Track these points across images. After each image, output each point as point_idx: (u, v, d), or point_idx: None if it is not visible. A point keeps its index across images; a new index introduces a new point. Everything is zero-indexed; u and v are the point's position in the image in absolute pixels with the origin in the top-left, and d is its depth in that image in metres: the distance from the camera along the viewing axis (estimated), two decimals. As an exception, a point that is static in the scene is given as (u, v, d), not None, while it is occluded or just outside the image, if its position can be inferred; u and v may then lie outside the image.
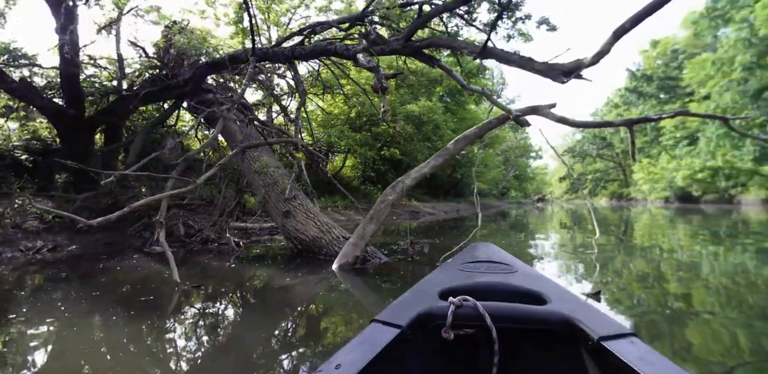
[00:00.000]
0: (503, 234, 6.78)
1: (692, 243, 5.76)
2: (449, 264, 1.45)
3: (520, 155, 40.28)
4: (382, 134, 17.28)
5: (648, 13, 2.33)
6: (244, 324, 2.09)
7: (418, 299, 1.07)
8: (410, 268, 3.37)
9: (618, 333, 0.84)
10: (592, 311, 0.96)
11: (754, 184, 26.35)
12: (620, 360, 0.76)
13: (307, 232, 4.07)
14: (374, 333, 0.91)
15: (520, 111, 3.78)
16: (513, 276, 1.23)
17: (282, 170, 4.87)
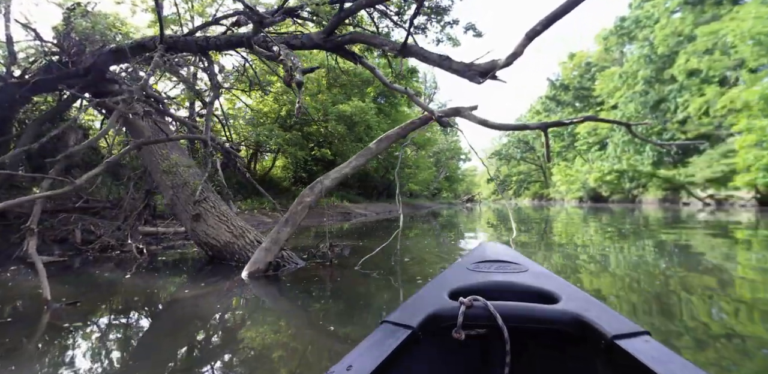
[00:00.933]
0: (434, 235, 6.84)
1: (602, 238, 6.26)
2: (459, 263, 1.40)
3: (451, 157, 41.68)
4: (314, 134, 16.91)
5: (558, 16, 2.39)
6: (117, 350, 1.79)
7: (429, 299, 1.05)
8: (328, 273, 3.20)
9: (631, 331, 0.83)
10: (604, 310, 0.94)
11: (653, 186, 29.50)
12: (634, 358, 0.74)
13: (218, 237, 3.75)
14: (385, 334, 0.89)
15: (443, 112, 3.76)
16: (523, 275, 1.21)
17: (194, 169, 4.47)
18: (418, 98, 3.73)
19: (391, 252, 4.00)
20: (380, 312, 2.21)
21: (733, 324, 2.03)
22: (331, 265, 3.45)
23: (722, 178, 22.92)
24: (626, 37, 37.28)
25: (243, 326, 2.07)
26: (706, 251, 4.75)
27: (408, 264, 3.56)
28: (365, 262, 3.42)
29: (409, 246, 4.92)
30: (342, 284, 2.89)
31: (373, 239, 5.64)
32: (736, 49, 20.43)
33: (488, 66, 2.79)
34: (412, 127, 3.89)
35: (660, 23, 30.27)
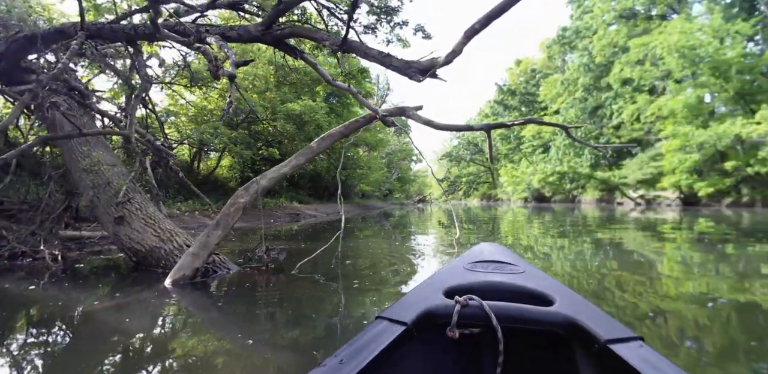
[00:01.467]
0: (384, 236, 6.77)
1: (545, 236, 6.53)
2: (456, 262, 1.39)
3: (403, 158, 42.06)
4: (262, 133, 16.39)
5: (496, 15, 2.39)
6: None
7: (424, 297, 1.05)
8: (263, 279, 3.01)
9: (624, 336, 0.83)
10: (598, 314, 0.95)
11: (590, 187, 31.34)
12: (626, 363, 0.74)
13: (144, 241, 3.44)
14: (379, 329, 0.89)
15: (387, 111, 3.68)
16: (520, 276, 1.21)
17: (119, 168, 4.10)
18: (365, 97, 3.62)
19: (334, 254, 3.87)
20: (314, 319, 2.08)
21: (662, 309, 2.09)
22: (267, 270, 3.25)
23: (651, 179, 24.74)
24: (568, 46, 39.41)
25: (160, 341, 1.86)
26: (637, 247, 5.05)
27: (349, 267, 3.44)
28: (304, 266, 3.27)
29: (356, 247, 4.80)
30: (275, 290, 2.72)
31: (318, 241, 5.47)
32: (663, 60, 22.12)
33: (428, 64, 2.75)
34: (355, 125, 3.78)
35: (598, 34, 32.22)
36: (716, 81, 19.88)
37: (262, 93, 15.24)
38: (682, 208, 19.83)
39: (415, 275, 3.13)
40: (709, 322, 2.05)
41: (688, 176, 20.85)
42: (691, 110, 21.37)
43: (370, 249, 4.61)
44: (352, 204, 23.24)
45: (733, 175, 19.21)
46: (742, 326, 2.01)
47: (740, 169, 18.66)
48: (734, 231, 7.20)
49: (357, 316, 2.11)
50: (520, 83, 51.31)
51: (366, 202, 26.52)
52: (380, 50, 3.01)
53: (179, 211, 9.26)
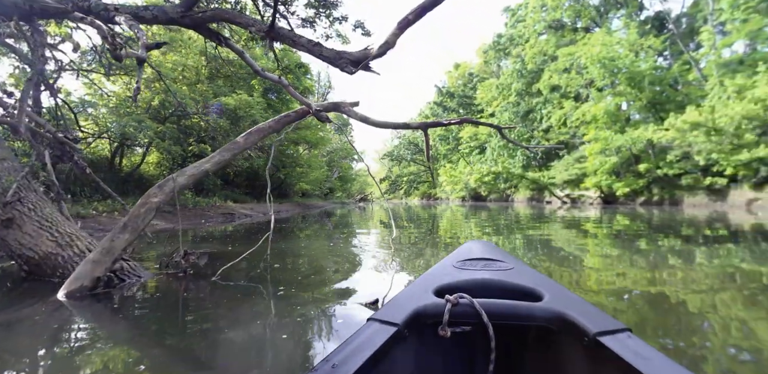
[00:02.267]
0: (325, 235, 6.54)
1: (480, 234, 6.70)
2: (445, 261, 1.38)
3: (344, 157, 41.80)
4: (193, 127, 15.42)
5: (430, 6, 2.33)
6: None
7: (414, 297, 1.05)
8: (179, 286, 2.71)
9: (613, 328, 0.84)
10: (587, 307, 0.96)
11: (522, 186, 33.07)
12: (616, 355, 0.76)
13: (37, 247, 2.99)
14: (370, 331, 0.89)
15: (321, 106, 3.51)
16: (509, 273, 1.21)
17: (8, 163, 3.55)
18: (303, 94, 3.41)
19: (262, 257, 3.62)
20: (229, 332, 1.87)
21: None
22: (186, 276, 2.95)
23: (576, 179, 26.56)
24: (502, 53, 41.26)
25: (43, 364, 1.56)
26: (563, 243, 5.34)
27: (279, 272, 3.21)
28: (228, 271, 3.00)
29: (291, 249, 4.56)
30: (191, 299, 2.45)
31: (249, 243, 5.12)
32: (587, 70, 23.80)
33: (360, 55, 2.62)
34: (287, 120, 3.57)
35: (530, 43, 34.04)
36: (632, 90, 21.74)
37: (193, 85, 14.32)
38: (602, 206, 21.35)
39: (347, 280, 2.95)
40: (627, 308, 2.13)
41: (608, 177, 22.61)
42: (611, 116, 23.20)
43: (306, 251, 4.39)
44: (292, 204, 22.64)
45: (646, 177, 21.09)
46: (657, 310, 2.11)
47: (651, 171, 20.52)
48: (646, 227, 7.83)
49: (277, 328, 1.92)
50: (459, 86, 52.99)
51: (306, 201, 25.96)
52: (310, 39, 2.83)
53: (96, 212, 8.39)
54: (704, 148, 15.76)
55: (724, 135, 14.82)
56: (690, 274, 3.16)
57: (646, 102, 21.69)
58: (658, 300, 2.38)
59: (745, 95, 13.67)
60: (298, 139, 23.08)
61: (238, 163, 16.95)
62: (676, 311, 2.19)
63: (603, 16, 30.90)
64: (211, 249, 4.05)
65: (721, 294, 2.52)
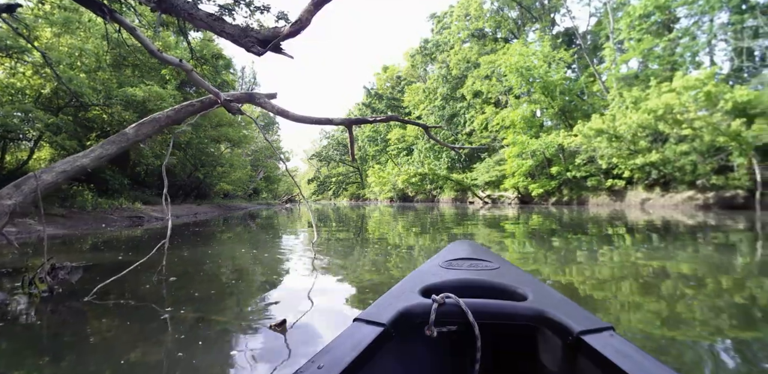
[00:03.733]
0: (248, 238, 5.99)
1: (407, 233, 6.79)
2: (431, 261, 1.39)
3: (270, 156, 40.26)
4: (94, 120, 13.76)
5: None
6: None
7: (401, 297, 1.05)
8: (41, 311, 2.18)
9: (596, 327, 0.85)
10: (570, 306, 0.97)
11: (447, 187, 34.22)
12: (598, 353, 0.77)
13: None
14: (356, 331, 0.89)
15: (232, 96, 3.11)
16: (495, 272, 1.22)
17: None
18: (220, 88, 2.98)
19: (158, 269, 3.10)
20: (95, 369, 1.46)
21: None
22: (52, 296, 2.40)
23: (496, 181, 28.03)
24: (429, 58, 42.45)
25: None
26: (484, 240, 5.46)
27: (175, 286, 2.70)
28: (110, 288, 2.48)
29: (200, 257, 3.97)
30: (52, 326, 1.94)
31: (139, 252, 4.47)
32: (506, 77, 25.17)
33: (269, 33, 2.30)
34: (190, 110, 3.12)
35: (454, 49, 35.35)
36: (545, 99, 23.38)
37: (92, 72, 12.71)
38: (519, 206, 22.72)
39: (255, 295, 2.55)
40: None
41: (524, 179, 24.11)
42: (527, 122, 24.80)
43: (215, 259, 3.84)
44: (212, 205, 21.24)
45: (557, 178, 22.80)
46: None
47: (562, 174, 22.22)
48: (557, 225, 8.37)
49: (143, 366, 1.53)
50: (387, 88, 53.67)
51: (228, 203, 24.52)
52: (210, 13, 2.44)
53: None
54: (606, 152, 17.35)
55: (623, 141, 16.41)
56: (594, 265, 3.45)
57: (558, 109, 23.44)
58: (569, 289, 2.61)
59: (640, 106, 15.27)
60: (218, 136, 21.72)
61: (148, 160, 15.50)
62: (587, 299, 2.41)
63: (521, 28, 33.04)
64: (92, 262, 3.39)
65: (623, 282, 2.81)
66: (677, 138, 15.95)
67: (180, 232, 7.12)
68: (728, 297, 2.39)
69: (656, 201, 18.26)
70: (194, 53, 7.34)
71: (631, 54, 19.92)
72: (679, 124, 14.34)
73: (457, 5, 36.94)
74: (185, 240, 5.75)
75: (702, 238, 5.64)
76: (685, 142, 15.35)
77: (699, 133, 13.16)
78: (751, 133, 12.14)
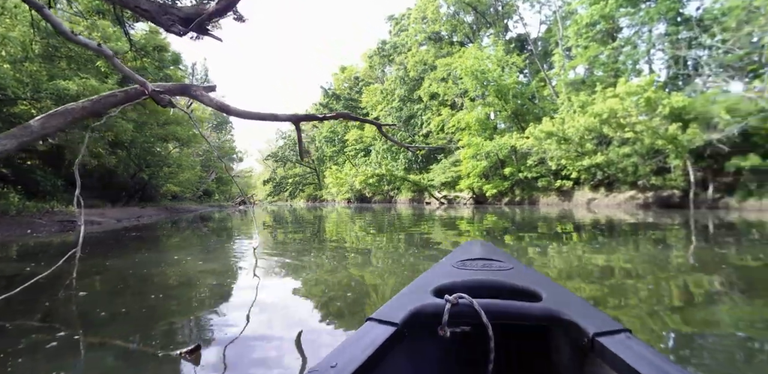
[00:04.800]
0: (192, 245, 5.54)
1: (365, 234, 6.76)
2: (444, 261, 1.39)
3: (222, 156, 38.82)
4: (22, 116, 12.58)
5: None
6: None
7: (414, 297, 1.04)
8: None
9: (612, 329, 0.84)
10: (586, 307, 0.95)
11: (404, 188, 34.41)
12: (615, 356, 0.76)
13: None
14: (369, 331, 0.89)
15: (162, 87, 2.81)
16: (509, 273, 1.20)
17: None
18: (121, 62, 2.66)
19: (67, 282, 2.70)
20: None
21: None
22: None
23: (452, 182, 28.48)
24: (387, 59, 42.55)
25: None
26: (440, 239, 5.50)
27: (84, 302, 2.33)
28: (2, 305, 2.13)
29: (121, 266, 3.57)
30: None
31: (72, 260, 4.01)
32: (462, 80, 25.61)
33: (192, 11, 2.05)
34: (111, 100, 2.79)
35: (411, 51, 35.63)
36: (499, 102, 24.01)
37: (19, 63, 11.59)
38: (474, 206, 23.17)
39: (176, 313, 2.19)
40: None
41: (479, 179, 24.64)
42: (481, 124, 25.36)
43: (145, 269, 3.40)
44: (158, 208, 20.10)
45: (510, 179, 23.48)
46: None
47: (514, 174, 22.91)
48: (510, 224, 8.59)
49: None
50: (345, 89, 53.30)
51: (177, 205, 23.32)
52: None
53: None
54: (556, 154, 18.02)
55: (571, 143, 17.10)
56: (545, 261, 3.58)
57: (511, 112, 24.14)
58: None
59: (587, 110, 15.98)
60: (166, 135, 20.63)
61: (84, 159, 14.39)
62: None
63: (476, 32, 33.82)
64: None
65: (574, 277, 2.89)
66: (620, 141, 16.83)
67: (113, 238, 6.56)
68: (666, 287, 2.61)
69: (601, 200, 19.20)
70: (133, 44, 6.81)
71: (578, 60, 20.86)
72: (622, 127, 15.13)
73: (414, 8, 37.28)
74: (115, 246, 5.27)
75: (642, 235, 5.89)
76: (627, 144, 16.22)
77: (640, 136, 13.94)
78: (686, 137, 12.99)
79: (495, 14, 32.73)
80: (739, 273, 3.01)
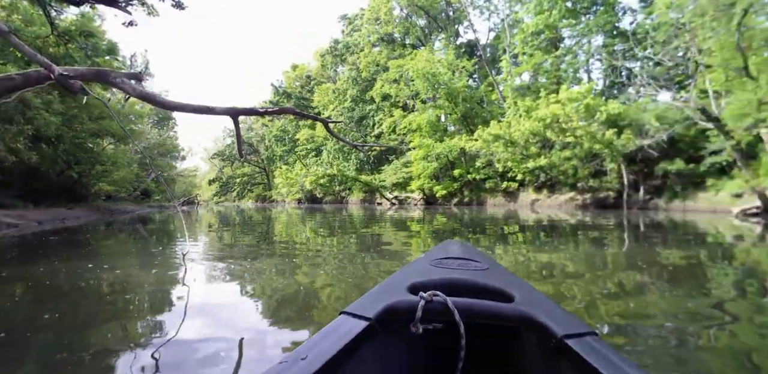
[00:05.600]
0: (115, 251, 4.99)
1: (315, 236, 6.71)
2: (421, 259, 1.42)
3: (163, 154, 36.80)
4: None
5: None
6: None
7: (388, 293, 1.05)
8: None
9: (580, 332, 0.85)
10: (556, 310, 0.97)
11: (356, 188, 34.24)
12: (581, 358, 0.77)
13: None
14: (342, 324, 0.89)
15: (72, 70, 2.48)
16: (484, 273, 1.21)
17: None
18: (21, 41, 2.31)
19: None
20: None
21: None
22: None
23: (403, 182, 28.69)
24: (339, 59, 42.18)
25: None
26: (390, 239, 5.49)
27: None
28: None
29: (18, 280, 3.01)
30: None
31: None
32: (413, 82, 25.86)
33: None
34: (8, 84, 2.47)
35: (364, 52, 35.56)
36: (449, 104, 24.49)
37: None
38: (424, 207, 23.47)
39: (67, 344, 1.71)
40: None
41: (429, 181, 24.99)
42: (432, 126, 25.75)
43: (47, 281, 2.88)
44: (89, 208, 18.57)
45: (459, 180, 24.00)
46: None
47: (463, 176, 23.44)
48: (459, 225, 8.73)
49: None
50: (296, 87, 52.27)
51: (113, 205, 21.69)
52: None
53: None
54: (503, 156, 18.63)
55: (517, 146, 17.75)
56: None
57: (460, 115, 24.69)
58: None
59: (531, 115, 16.66)
60: (99, 130, 19.17)
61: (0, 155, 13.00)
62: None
63: (428, 36, 34.34)
64: None
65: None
66: (561, 145, 17.70)
67: (28, 243, 5.87)
68: (603, 283, 2.80)
69: (544, 201, 20.10)
70: (54, 27, 6.18)
71: (524, 67, 21.75)
72: (563, 132, 15.91)
73: (367, 9, 37.22)
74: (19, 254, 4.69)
75: (582, 235, 6.16)
76: (568, 148, 17.08)
77: (580, 140, 14.72)
78: (620, 142, 13.89)
79: (446, 19, 33.41)
80: (667, 269, 3.19)
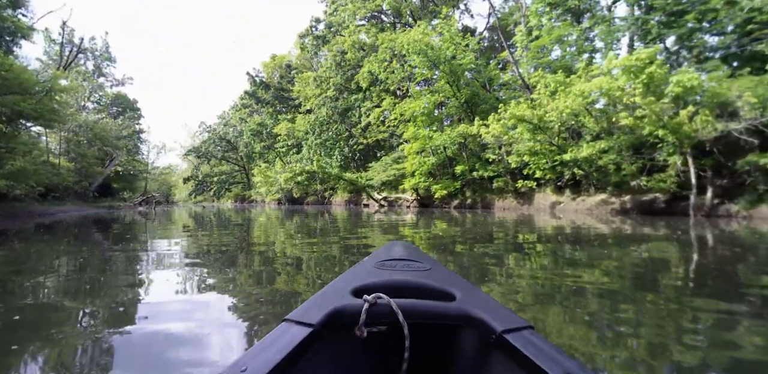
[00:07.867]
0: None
1: (298, 241, 5.99)
2: (365, 262, 1.41)
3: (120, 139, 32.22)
4: None
5: None
6: None
7: (332, 297, 1.04)
8: None
9: (517, 326, 0.88)
10: (495, 306, 0.99)
11: (340, 188, 30.26)
12: (518, 351, 0.80)
13: None
14: (284, 332, 0.87)
15: None
16: (426, 273, 1.22)
17: None
18: None
19: None
20: None
21: None
22: None
23: (394, 181, 24.76)
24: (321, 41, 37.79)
25: None
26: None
27: None
28: None
29: None
30: None
31: None
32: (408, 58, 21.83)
33: None
34: None
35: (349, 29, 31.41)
36: (450, 88, 20.65)
37: None
38: (419, 210, 19.94)
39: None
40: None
41: (426, 179, 21.12)
42: (429, 115, 21.88)
43: None
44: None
45: (460, 179, 20.23)
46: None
47: (465, 174, 19.68)
48: (460, 233, 7.50)
49: None
50: (275, 78, 48.06)
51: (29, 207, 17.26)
52: None
53: None
54: (525, 146, 14.68)
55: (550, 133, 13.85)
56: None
57: (464, 101, 20.84)
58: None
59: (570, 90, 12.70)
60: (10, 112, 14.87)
61: None
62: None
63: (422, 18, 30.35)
64: None
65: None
66: (594, 134, 13.91)
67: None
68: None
69: (567, 205, 16.28)
70: None
71: (543, 40, 17.88)
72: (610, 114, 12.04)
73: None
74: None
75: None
76: (602, 138, 13.29)
77: (638, 124, 10.80)
78: (697, 126, 9.99)
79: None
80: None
